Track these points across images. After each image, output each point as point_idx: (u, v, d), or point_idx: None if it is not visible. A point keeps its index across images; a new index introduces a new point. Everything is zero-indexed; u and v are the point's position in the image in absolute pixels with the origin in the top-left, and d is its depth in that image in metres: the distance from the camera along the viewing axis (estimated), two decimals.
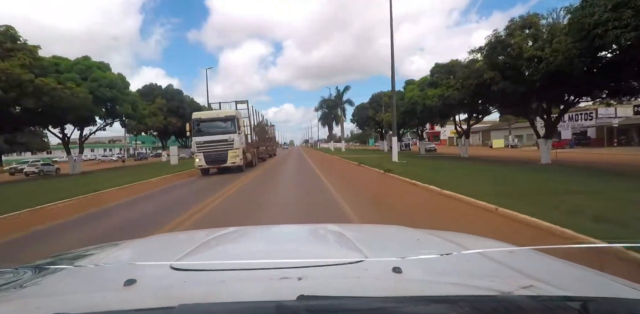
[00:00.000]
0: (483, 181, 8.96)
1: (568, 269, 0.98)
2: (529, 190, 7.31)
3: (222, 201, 8.11)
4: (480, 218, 5.39)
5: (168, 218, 6.27)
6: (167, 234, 1.90)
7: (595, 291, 0.80)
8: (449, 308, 0.57)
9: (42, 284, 0.86)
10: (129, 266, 1.05)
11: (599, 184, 8.04)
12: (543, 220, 4.48)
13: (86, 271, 1.01)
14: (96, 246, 1.42)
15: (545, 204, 5.51)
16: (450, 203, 6.74)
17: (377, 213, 6.21)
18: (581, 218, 4.47)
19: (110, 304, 0.72)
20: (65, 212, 7.79)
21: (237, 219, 6.11)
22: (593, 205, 5.30)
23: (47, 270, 0.98)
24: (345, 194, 8.09)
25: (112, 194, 10.56)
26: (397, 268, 0.82)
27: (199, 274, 0.88)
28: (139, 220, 6.63)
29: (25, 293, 0.81)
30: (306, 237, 1.54)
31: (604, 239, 3.30)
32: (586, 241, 3.53)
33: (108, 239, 1.82)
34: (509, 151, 35.75)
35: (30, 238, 5.65)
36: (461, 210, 6.08)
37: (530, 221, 4.64)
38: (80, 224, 6.62)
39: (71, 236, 5.58)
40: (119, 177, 16.25)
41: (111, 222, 6.53)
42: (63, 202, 8.90)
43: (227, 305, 0.63)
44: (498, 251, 1.09)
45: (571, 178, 9.49)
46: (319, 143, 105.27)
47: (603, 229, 3.92)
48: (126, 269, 1.01)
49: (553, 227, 4.21)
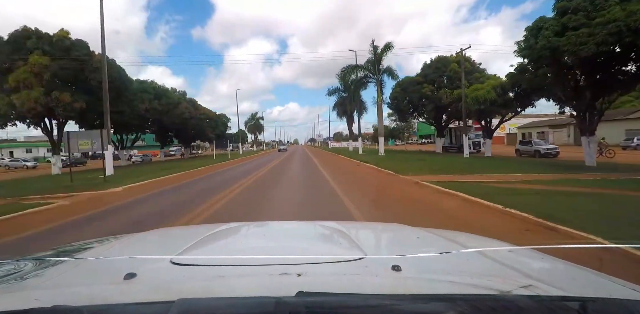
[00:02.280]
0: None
1: (567, 269, 0.98)
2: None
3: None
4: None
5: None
6: (168, 228, 1.91)
7: (594, 292, 0.80)
8: (448, 307, 0.57)
9: (43, 277, 0.87)
10: (130, 259, 1.06)
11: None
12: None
13: (87, 264, 1.02)
14: (97, 239, 1.43)
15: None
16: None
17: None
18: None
19: (110, 297, 0.72)
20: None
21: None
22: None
23: (48, 262, 0.98)
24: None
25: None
26: (396, 265, 0.82)
27: (199, 269, 0.89)
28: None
29: (26, 285, 0.81)
30: (306, 234, 1.54)
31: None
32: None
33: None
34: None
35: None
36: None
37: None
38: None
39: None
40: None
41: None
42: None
43: (227, 300, 0.63)
44: (497, 250, 1.09)
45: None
46: (330, 142, 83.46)
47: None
48: (127, 262, 1.01)
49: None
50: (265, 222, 1.87)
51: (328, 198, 7.54)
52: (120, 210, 7.42)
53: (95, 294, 0.74)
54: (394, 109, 32.62)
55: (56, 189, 10.61)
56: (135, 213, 6.98)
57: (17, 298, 0.75)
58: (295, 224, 1.91)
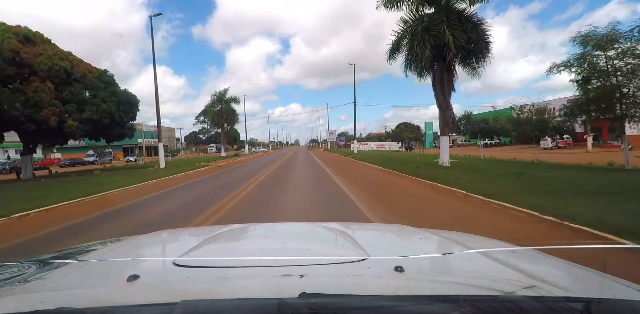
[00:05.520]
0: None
1: (571, 270, 0.98)
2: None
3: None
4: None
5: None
6: (171, 230, 1.91)
7: (598, 292, 0.80)
8: (451, 308, 0.57)
9: (47, 279, 0.87)
10: (133, 261, 1.06)
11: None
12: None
13: (90, 266, 1.02)
14: (100, 242, 1.43)
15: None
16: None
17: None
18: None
19: (113, 299, 0.73)
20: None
21: None
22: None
23: (52, 264, 0.99)
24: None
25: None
26: (399, 266, 0.82)
27: (202, 270, 0.89)
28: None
29: (30, 287, 0.82)
30: (309, 235, 1.54)
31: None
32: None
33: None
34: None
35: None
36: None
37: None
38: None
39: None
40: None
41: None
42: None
43: (230, 302, 0.63)
44: (500, 251, 1.08)
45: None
46: (338, 141, 65.71)
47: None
48: (130, 264, 1.01)
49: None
50: (268, 224, 1.87)
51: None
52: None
53: (99, 296, 0.75)
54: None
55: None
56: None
57: (21, 300, 0.75)
58: (297, 226, 1.91)
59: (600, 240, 3.75)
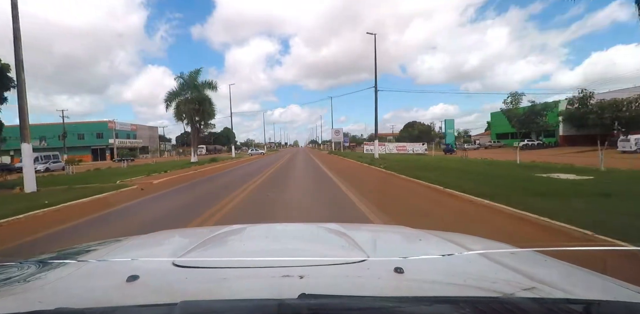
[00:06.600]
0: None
1: (571, 272, 0.98)
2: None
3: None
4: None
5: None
6: (170, 230, 1.91)
7: (598, 294, 0.80)
8: (450, 309, 0.57)
9: (46, 279, 0.87)
10: (132, 262, 1.06)
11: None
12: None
13: (89, 266, 1.02)
14: (100, 242, 1.43)
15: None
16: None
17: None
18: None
19: (112, 299, 0.72)
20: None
21: None
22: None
23: (51, 265, 0.99)
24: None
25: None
26: (398, 268, 0.82)
27: (201, 271, 0.89)
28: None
29: (29, 287, 0.82)
30: (309, 236, 1.54)
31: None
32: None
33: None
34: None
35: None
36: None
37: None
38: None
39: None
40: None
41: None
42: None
43: (229, 302, 0.63)
44: (500, 252, 1.08)
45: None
46: (343, 142, 56.74)
47: None
48: (129, 265, 1.01)
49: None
50: (268, 224, 1.87)
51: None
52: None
53: (98, 297, 0.74)
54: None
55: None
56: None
57: (21, 300, 0.75)
58: (297, 226, 1.91)
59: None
